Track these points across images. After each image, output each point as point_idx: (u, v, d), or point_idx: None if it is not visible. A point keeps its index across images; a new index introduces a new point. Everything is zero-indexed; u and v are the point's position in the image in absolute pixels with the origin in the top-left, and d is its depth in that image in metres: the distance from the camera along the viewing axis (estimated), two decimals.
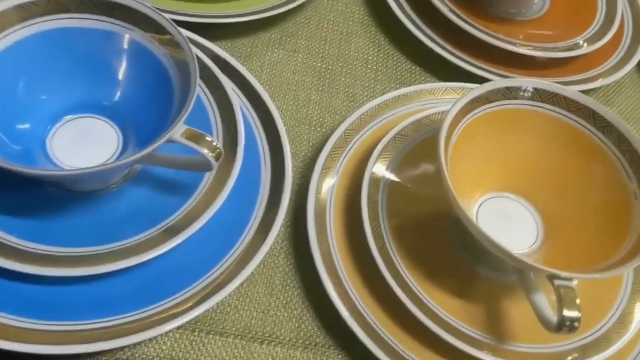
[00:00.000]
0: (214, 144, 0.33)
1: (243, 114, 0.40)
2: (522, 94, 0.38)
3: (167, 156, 0.35)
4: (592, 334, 0.36)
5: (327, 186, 0.40)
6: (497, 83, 0.38)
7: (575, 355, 0.35)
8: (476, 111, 0.37)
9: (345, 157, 0.41)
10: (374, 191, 0.39)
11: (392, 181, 0.40)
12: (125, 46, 0.36)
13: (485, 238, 0.32)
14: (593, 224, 0.37)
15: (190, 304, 0.34)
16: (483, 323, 0.36)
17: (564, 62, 0.50)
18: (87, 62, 0.36)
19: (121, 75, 0.36)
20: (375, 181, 0.39)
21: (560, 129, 0.38)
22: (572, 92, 0.38)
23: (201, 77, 0.36)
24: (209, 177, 0.37)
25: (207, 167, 0.33)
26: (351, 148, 0.42)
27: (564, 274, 0.32)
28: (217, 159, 0.33)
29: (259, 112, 0.41)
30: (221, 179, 0.37)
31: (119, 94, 0.37)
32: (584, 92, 0.48)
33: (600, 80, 0.48)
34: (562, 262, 0.35)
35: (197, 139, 0.33)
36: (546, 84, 0.38)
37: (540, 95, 0.38)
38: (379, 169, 0.40)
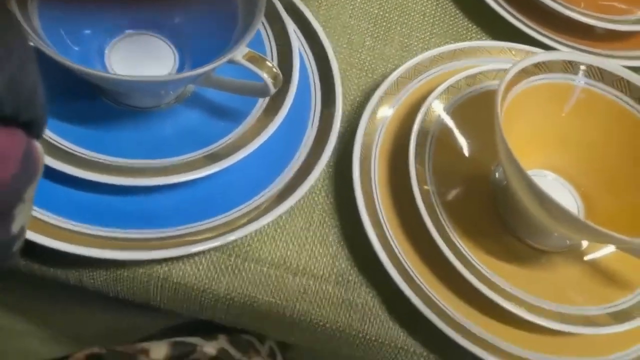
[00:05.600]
0: (274, 69, 0.33)
1: (298, 49, 0.40)
2: (584, 70, 0.37)
3: (224, 79, 0.35)
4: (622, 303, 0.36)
5: (375, 130, 0.40)
6: (562, 54, 0.37)
7: (608, 319, 0.35)
8: (533, 78, 0.37)
9: (396, 103, 0.41)
10: (422, 140, 0.38)
11: (441, 132, 0.39)
12: None
13: (544, 196, 0.32)
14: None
15: (229, 228, 0.35)
16: (517, 279, 0.36)
17: (625, 36, 0.48)
18: None
19: None
20: (424, 131, 0.39)
21: (618, 114, 0.37)
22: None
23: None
24: (260, 106, 0.37)
25: (264, 91, 0.33)
26: (403, 95, 0.41)
27: (627, 239, 0.31)
28: (275, 84, 0.33)
29: (314, 49, 0.41)
30: (272, 110, 0.37)
31: (181, 16, 0.37)
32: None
33: None
34: None
35: (258, 62, 0.33)
36: (612, 65, 0.37)
37: (602, 76, 0.37)
38: (429, 118, 0.39)
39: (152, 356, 0.33)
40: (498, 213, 0.38)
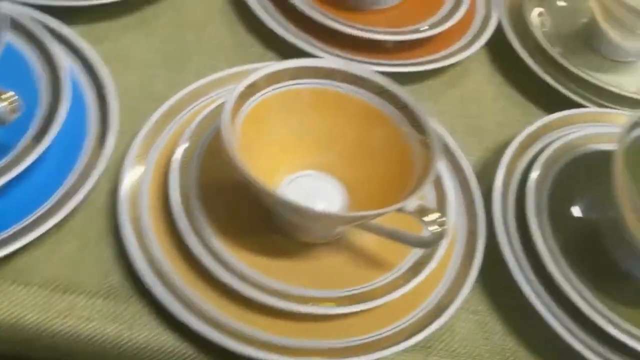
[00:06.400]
0: (12, 99, 0.36)
1: (76, 82, 0.43)
2: (306, 72, 0.40)
3: None
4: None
5: (145, 158, 0.42)
6: (292, 62, 0.41)
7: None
8: (261, 93, 0.39)
9: (171, 129, 0.43)
10: (189, 154, 0.41)
11: (209, 146, 0.42)
12: None
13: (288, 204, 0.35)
14: (386, 181, 0.39)
15: None
16: (280, 272, 0.38)
17: (411, 46, 0.52)
18: None
19: None
20: (191, 150, 0.41)
21: (357, 106, 0.41)
22: (347, 65, 0.41)
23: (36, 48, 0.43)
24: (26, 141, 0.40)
25: (3, 120, 0.36)
26: (180, 119, 0.44)
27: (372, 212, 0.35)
28: (12, 111, 0.36)
29: (91, 78, 0.45)
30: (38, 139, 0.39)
31: None
32: (425, 72, 0.51)
33: (441, 61, 0.51)
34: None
35: None
36: (340, 62, 0.41)
37: (333, 75, 0.41)
38: (197, 140, 0.42)
39: None
40: (267, 214, 0.40)
